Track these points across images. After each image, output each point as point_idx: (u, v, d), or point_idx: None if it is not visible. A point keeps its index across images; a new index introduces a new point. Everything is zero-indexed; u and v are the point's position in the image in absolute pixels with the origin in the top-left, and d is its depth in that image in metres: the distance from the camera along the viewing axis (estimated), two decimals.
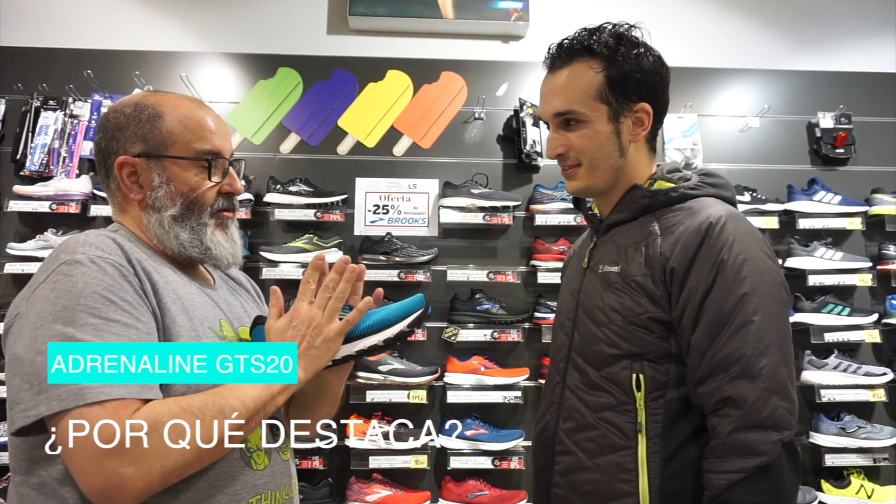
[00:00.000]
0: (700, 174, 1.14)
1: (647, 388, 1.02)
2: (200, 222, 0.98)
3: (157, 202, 0.96)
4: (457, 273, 2.69)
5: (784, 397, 0.93)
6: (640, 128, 1.12)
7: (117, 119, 0.98)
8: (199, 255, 0.99)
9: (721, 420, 0.94)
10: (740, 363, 0.94)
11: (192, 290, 0.97)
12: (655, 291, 1.02)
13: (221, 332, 0.96)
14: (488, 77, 2.96)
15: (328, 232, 2.75)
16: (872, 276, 2.70)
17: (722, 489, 0.92)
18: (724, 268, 0.97)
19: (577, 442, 1.07)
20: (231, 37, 3.00)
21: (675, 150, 2.89)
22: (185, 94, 1.05)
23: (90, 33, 2.93)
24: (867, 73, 3.02)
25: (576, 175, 1.14)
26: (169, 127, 0.96)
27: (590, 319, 1.10)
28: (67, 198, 2.63)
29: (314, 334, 0.93)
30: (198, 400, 0.82)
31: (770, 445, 0.90)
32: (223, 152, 1.00)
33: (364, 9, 2.94)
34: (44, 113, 2.75)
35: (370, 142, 2.90)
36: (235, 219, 1.07)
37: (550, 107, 1.12)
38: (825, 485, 2.59)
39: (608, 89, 1.08)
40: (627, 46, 1.10)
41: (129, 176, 0.97)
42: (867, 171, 2.93)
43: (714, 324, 0.96)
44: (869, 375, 2.61)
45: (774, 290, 0.99)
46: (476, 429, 2.54)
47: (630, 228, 1.12)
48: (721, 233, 0.99)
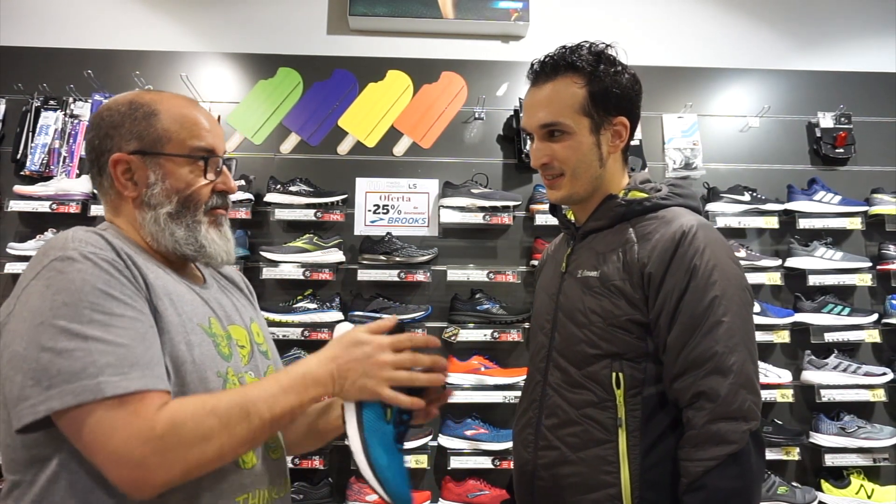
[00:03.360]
0: (669, 185, 1.22)
1: (625, 385, 1.09)
2: (195, 219, 0.98)
3: (153, 199, 0.96)
4: (457, 273, 2.69)
5: (751, 391, 1.02)
6: (619, 140, 1.20)
7: (111, 117, 0.97)
8: (194, 253, 0.99)
9: (696, 413, 1.02)
10: (713, 360, 1.02)
11: (181, 287, 0.96)
12: (634, 295, 1.10)
13: (210, 329, 0.95)
14: (488, 77, 2.96)
15: (328, 232, 2.75)
16: (872, 275, 2.70)
17: (698, 475, 0.99)
18: (697, 273, 1.05)
19: (561, 437, 1.13)
20: (231, 37, 3.00)
21: (674, 149, 2.89)
22: (178, 93, 1.05)
23: (90, 33, 2.93)
24: (867, 73, 3.02)
25: (559, 184, 1.20)
26: (164, 125, 0.96)
27: (570, 321, 1.16)
28: (68, 198, 2.63)
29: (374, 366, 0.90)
30: (225, 402, 0.82)
31: (740, 434, 0.99)
32: (217, 151, 1.01)
33: (364, 9, 2.94)
34: (44, 113, 2.75)
35: (370, 142, 2.90)
36: (227, 218, 1.07)
37: (536, 119, 1.19)
38: (825, 485, 2.59)
39: (590, 103, 1.15)
40: (607, 64, 1.17)
41: (124, 173, 0.96)
42: (867, 170, 2.93)
43: (688, 324, 1.04)
44: (869, 375, 2.61)
45: (741, 293, 1.08)
46: (476, 428, 2.54)
47: (607, 235, 1.18)
48: (693, 241, 1.07)
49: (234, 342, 0.99)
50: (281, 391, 0.86)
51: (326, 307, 2.59)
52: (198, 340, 0.90)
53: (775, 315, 2.65)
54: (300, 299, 2.62)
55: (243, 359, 0.99)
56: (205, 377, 0.89)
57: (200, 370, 0.88)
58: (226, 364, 0.93)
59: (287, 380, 0.87)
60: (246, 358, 1.00)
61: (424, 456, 2.53)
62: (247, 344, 1.02)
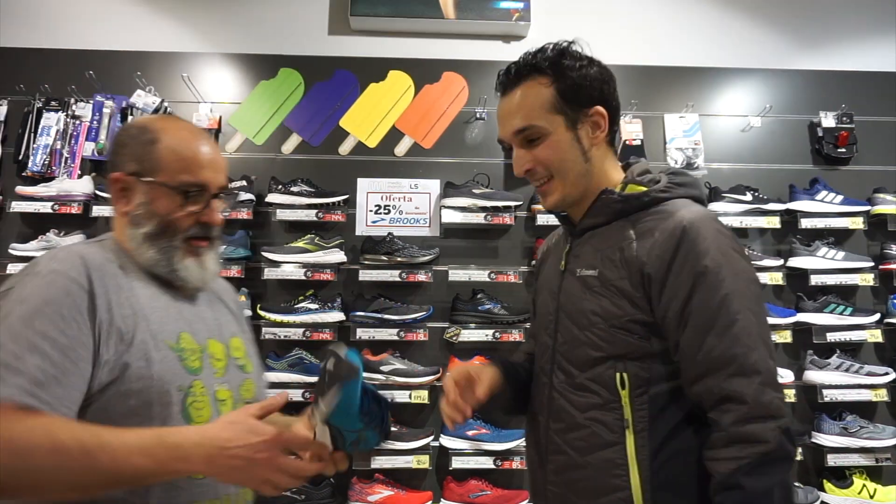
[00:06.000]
0: (668, 174, 1.17)
1: (630, 385, 1.05)
2: (171, 245, 1.04)
3: (136, 219, 1.04)
4: (458, 273, 2.68)
5: (776, 387, 0.98)
6: (599, 130, 1.15)
7: (123, 137, 1.07)
8: (167, 275, 1.05)
9: (722, 414, 0.98)
10: (735, 362, 0.97)
11: (158, 302, 1.02)
12: (634, 294, 1.06)
13: (178, 344, 1.00)
14: (490, 77, 2.92)
15: (330, 232, 2.75)
16: (874, 275, 2.69)
17: (728, 472, 0.95)
18: (703, 271, 1.00)
19: (568, 441, 1.10)
20: (233, 37, 3.00)
21: (676, 149, 2.88)
22: (192, 125, 1.13)
23: (92, 34, 2.94)
24: (869, 73, 3.01)
25: (550, 189, 1.18)
26: (161, 154, 1.03)
27: (572, 323, 1.13)
28: (69, 198, 2.63)
29: (262, 468, 0.86)
30: (73, 434, 0.82)
31: (771, 432, 0.94)
32: (209, 185, 1.06)
33: (365, 9, 2.94)
34: (45, 114, 2.75)
35: (371, 142, 2.90)
36: (213, 247, 1.10)
37: (510, 126, 1.17)
38: (827, 485, 2.58)
39: (560, 100, 1.13)
40: (571, 59, 1.14)
41: (120, 191, 1.05)
42: (869, 170, 2.92)
43: (701, 326, 1.00)
44: (871, 375, 2.60)
45: (751, 286, 1.03)
46: (478, 429, 2.54)
47: (605, 232, 1.14)
48: (696, 236, 1.02)
49: (207, 355, 1.04)
50: (139, 450, 0.83)
51: (328, 307, 2.59)
52: (160, 357, 0.96)
53: (777, 315, 2.65)
54: (302, 300, 2.62)
55: (217, 372, 1.05)
56: (165, 390, 0.94)
57: (159, 385, 0.94)
58: (191, 378, 0.99)
59: (155, 443, 0.84)
60: (221, 371, 1.06)
61: (426, 456, 2.52)
62: (223, 358, 1.08)
